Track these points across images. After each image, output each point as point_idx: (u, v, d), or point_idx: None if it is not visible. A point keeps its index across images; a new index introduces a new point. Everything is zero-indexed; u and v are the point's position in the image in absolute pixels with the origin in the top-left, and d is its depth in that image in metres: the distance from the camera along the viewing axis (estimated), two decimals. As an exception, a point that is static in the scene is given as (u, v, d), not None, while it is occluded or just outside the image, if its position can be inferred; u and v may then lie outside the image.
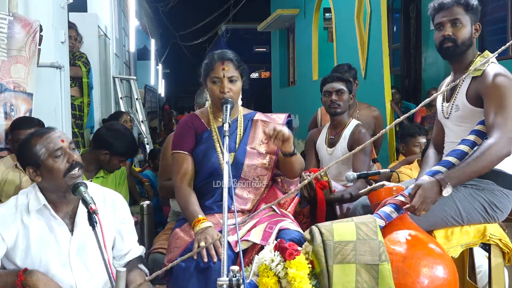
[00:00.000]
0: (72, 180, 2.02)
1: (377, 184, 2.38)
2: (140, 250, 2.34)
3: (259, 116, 2.61)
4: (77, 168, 2.04)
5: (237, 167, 2.48)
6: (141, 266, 2.27)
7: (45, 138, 2.06)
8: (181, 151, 2.53)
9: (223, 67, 2.44)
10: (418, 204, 2.18)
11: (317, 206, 2.84)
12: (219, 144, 2.49)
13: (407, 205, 2.20)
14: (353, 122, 3.36)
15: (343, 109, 3.32)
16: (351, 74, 3.89)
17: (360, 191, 2.54)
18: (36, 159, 2.03)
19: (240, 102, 2.60)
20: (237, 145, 2.52)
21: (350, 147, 3.26)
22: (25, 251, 2.05)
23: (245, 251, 2.28)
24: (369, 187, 2.41)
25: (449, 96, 2.53)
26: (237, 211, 2.41)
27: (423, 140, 3.99)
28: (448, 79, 2.65)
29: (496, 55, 2.24)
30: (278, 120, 2.59)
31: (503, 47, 2.10)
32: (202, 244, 2.15)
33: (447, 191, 2.20)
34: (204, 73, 2.51)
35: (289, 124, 2.62)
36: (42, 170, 2.05)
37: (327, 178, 2.95)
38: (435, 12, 2.50)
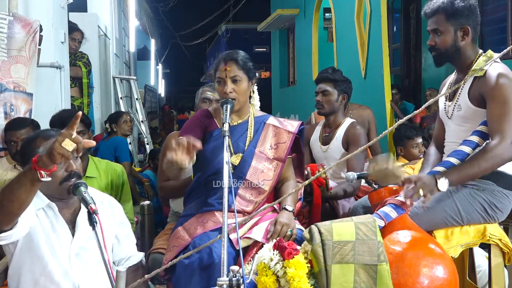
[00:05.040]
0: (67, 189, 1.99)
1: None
2: (139, 257, 2.34)
3: (272, 120, 2.61)
4: (74, 179, 2.01)
5: (243, 168, 2.48)
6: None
7: (50, 141, 2.00)
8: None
9: (225, 68, 2.45)
10: (413, 187, 2.18)
11: (313, 202, 2.84)
12: (228, 144, 2.49)
13: (405, 189, 2.19)
14: (348, 121, 3.36)
15: (327, 109, 3.31)
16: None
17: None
18: None
19: (257, 104, 2.62)
20: (246, 147, 2.53)
21: (345, 144, 3.27)
22: (30, 250, 2.04)
23: (247, 249, 2.29)
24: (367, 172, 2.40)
25: (452, 95, 2.51)
26: (238, 211, 2.41)
27: (419, 140, 4.01)
28: (451, 77, 2.63)
29: (500, 56, 2.24)
30: (290, 128, 2.58)
31: (507, 49, 2.09)
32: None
33: (442, 183, 2.20)
34: (213, 75, 2.53)
35: (301, 132, 2.63)
36: None
37: (325, 175, 2.95)
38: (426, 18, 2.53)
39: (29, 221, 1.95)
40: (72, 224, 2.12)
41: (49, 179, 1.69)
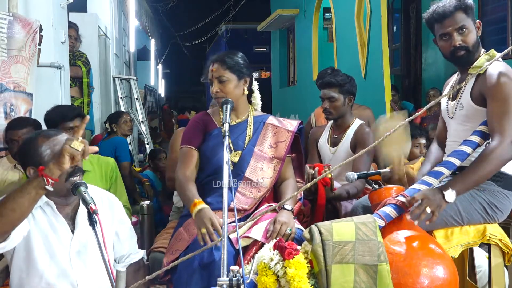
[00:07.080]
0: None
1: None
2: (140, 254, 2.35)
3: (271, 120, 2.64)
4: (78, 175, 2.03)
5: (242, 166, 2.51)
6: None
7: (51, 140, 2.00)
8: (189, 146, 2.59)
9: (211, 69, 2.51)
10: (419, 206, 2.15)
11: (317, 202, 2.84)
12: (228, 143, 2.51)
13: (410, 209, 2.17)
14: (357, 122, 3.35)
15: (336, 115, 3.30)
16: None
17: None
18: (39, 160, 1.97)
19: (258, 104, 2.66)
20: (245, 145, 2.56)
21: (354, 146, 3.25)
22: (29, 250, 2.04)
23: (246, 248, 2.29)
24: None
25: (454, 94, 2.51)
26: (237, 209, 2.42)
27: (422, 141, 3.98)
28: (454, 77, 2.62)
29: (502, 55, 2.24)
30: (289, 126, 2.61)
31: (509, 48, 2.09)
32: (204, 231, 2.15)
33: (449, 195, 2.18)
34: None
35: (300, 131, 2.65)
36: None
37: (330, 175, 2.95)
38: (435, 21, 2.42)
39: (23, 231, 1.97)
40: (72, 221, 2.12)
41: (52, 189, 1.78)
